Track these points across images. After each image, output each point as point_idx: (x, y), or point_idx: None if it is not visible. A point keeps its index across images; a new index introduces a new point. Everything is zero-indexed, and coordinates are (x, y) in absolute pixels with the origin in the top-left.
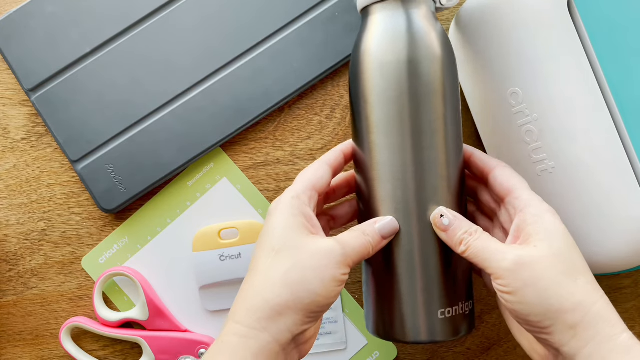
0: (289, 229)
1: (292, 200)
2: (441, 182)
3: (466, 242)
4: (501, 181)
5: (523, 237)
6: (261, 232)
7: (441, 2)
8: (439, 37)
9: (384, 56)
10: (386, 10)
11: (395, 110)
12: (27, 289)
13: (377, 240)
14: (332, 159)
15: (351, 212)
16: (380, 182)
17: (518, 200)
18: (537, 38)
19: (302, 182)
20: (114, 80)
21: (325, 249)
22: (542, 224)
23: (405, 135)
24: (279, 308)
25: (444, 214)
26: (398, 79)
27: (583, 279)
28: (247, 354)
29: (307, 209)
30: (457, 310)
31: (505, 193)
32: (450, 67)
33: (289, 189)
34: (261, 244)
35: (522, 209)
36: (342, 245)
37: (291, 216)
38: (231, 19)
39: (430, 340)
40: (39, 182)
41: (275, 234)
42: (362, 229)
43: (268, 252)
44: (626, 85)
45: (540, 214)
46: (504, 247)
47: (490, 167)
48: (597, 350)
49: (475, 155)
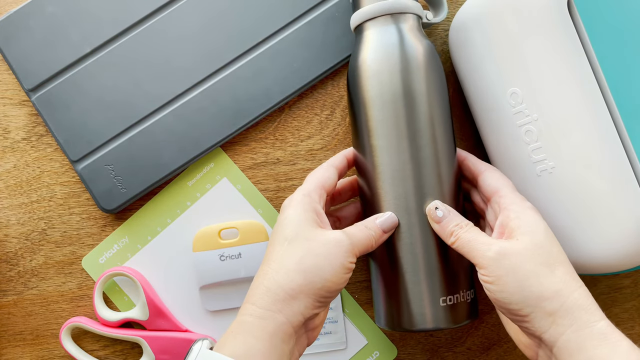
0: (301, 222)
1: (304, 197)
2: (436, 178)
3: (456, 234)
4: (489, 182)
5: (507, 232)
6: (275, 225)
7: (427, 17)
8: (425, 48)
9: (378, 66)
10: (378, 26)
11: (390, 112)
12: (28, 289)
13: (379, 234)
14: (338, 162)
15: (355, 213)
16: (380, 181)
17: (503, 199)
18: (537, 38)
19: (312, 182)
20: (114, 80)
21: (334, 239)
22: (524, 219)
23: (400, 136)
24: (293, 292)
25: (438, 207)
26: (391, 85)
27: (562, 269)
28: (264, 333)
29: (317, 206)
30: (458, 298)
31: (491, 193)
32: (436, 73)
33: (300, 188)
34: (275, 235)
35: (505, 206)
36: (349, 236)
37: (303, 211)
38: (231, 19)
39: (435, 327)
40: (39, 182)
41: (289, 225)
42: (365, 224)
43: (282, 242)
44: (626, 85)
45: (522, 211)
46: (490, 240)
47: (480, 170)
48: (575, 337)
49: (468, 159)
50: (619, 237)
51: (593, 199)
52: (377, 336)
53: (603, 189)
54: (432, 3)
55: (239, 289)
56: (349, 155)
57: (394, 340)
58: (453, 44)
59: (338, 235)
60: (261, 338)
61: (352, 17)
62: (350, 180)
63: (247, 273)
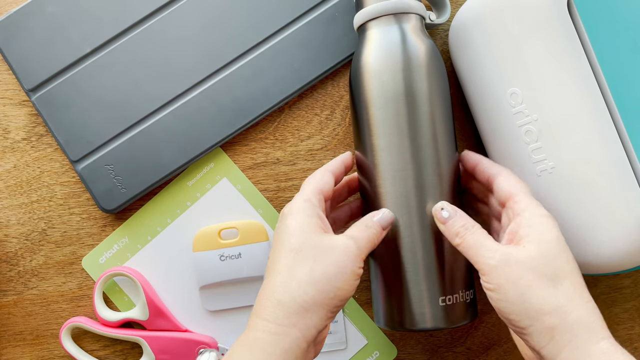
0: (305, 230)
1: (305, 203)
2: (437, 178)
3: (462, 235)
4: (503, 187)
5: (516, 239)
6: (275, 234)
7: (430, 18)
8: (427, 48)
9: (380, 65)
10: (381, 26)
11: (392, 111)
12: (28, 289)
13: (379, 231)
14: (335, 167)
15: (349, 214)
16: (381, 180)
17: (517, 204)
18: (537, 38)
19: (310, 187)
20: (114, 80)
21: (342, 246)
22: (535, 227)
23: (402, 135)
24: (307, 305)
25: (444, 207)
26: (393, 84)
27: (568, 282)
28: (278, 350)
29: (318, 211)
30: (457, 298)
31: (506, 198)
32: (438, 73)
33: (299, 194)
34: (279, 245)
35: (519, 212)
36: (355, 241)
37: (306, 217)
38: (231, 19)
39: (434, 327)
40: (39, 182)
41: (293, 234)
42: (364, 223)
43: (287, 253)
44: (626, 85)
45: (535, 218)
46: (495, 245)
47: (494, 173)
48: (573, 356)
49: (482, 163)
50: (618, 237)
51: (593, 199)
52: (377, 336)
53: (603, 189)
54: (435, 4)
55: (239, 289)
56: (346, 160)
57: (394, 340)
58: (453, 44)
59: (345, 240)
60: (274, 354)
61: (355, 16)
62: (346, 181)
63: (247, 273)
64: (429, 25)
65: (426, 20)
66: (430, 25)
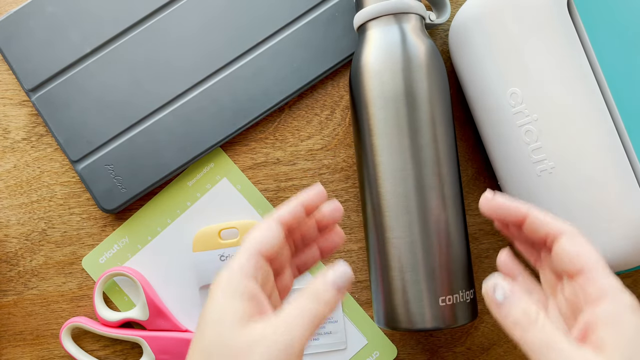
0: (222, 320)
1: (232, 274)
2: (437, 178)
3: (524, 328)
4: (571, 256)
5: (595, 340)
6: (200, 315)
7: (430, 18)
8: (427, 48)
9: (380, 65)
10: (381, 26)
11: (391, 111)
12: (28, 289)
13: (333, 297)
14: (286, 215)
15: (317, 256)
16: (381, 180)
17: (592, 287)
18: (537, 38)
19: (247, 248)
20: (114, 80)
21: (264, 344)
22: (621, 330)
23: (402, 135)
24: None
25: (497, 286)
26: (393, 84)
27: None
28: None
29: (249, 284)
30: (457, 298)
31: (575, 270)
32: (438, 73)
33: (234, 256)
34: (194, 338)
35: (595, 300)
36: (289, 329)
37: (229, 299)
38: (231, 19)
39: (434, 327)
40: (39, 182)
41: (207, 326)
42: (314, 293)
43: (198, 354)
44: (626, 85)
45: (619, 314)
46: (570, 349)
47: (556, 232)
48: None
49: (534, 216)
50: (618, 237)
51: (593, 199)
52: (377, 336)
53: (603, 189)
54: (435, 4)
55: None
56: (307, 200)
57: (394, 340)
58: (453, 44)
59: (271, 336)
60: None
61: (356, 16)
62: (314, 218)
63: None
64: (429, 25)
65: (426, 20)
66: (430, 25)
